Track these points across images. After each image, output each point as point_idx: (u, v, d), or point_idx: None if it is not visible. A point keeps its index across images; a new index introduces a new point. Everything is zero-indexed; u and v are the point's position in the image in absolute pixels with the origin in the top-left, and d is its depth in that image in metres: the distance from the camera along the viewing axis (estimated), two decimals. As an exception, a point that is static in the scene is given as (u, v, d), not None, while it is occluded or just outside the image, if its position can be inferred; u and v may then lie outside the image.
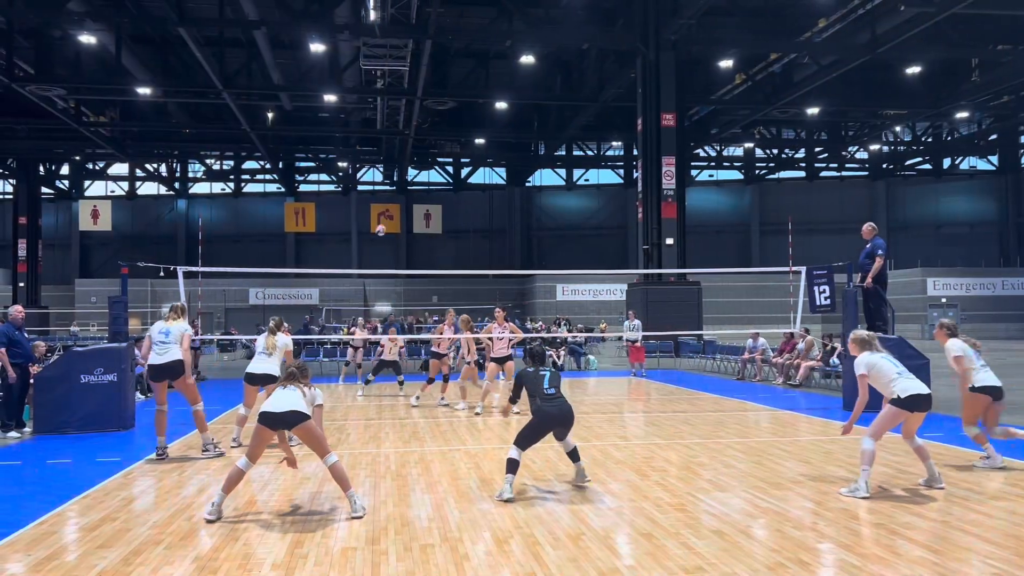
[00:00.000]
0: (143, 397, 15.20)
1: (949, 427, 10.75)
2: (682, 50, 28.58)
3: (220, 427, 11.67)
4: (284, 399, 6.47)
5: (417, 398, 14.28)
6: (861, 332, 7.56)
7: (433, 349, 14.37)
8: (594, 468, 8.26)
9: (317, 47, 29.24)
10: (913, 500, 6.74)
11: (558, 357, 23.25)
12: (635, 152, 32.40)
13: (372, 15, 25.02)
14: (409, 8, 24.71)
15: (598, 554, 5.34)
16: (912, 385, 7.01)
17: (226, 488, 6.47)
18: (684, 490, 7.22)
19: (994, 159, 51.82)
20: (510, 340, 13.25)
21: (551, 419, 7.08)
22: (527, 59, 31.66)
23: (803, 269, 15.16)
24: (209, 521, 6.23)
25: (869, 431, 7.04)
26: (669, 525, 6.02)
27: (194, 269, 16.31)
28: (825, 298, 14.38)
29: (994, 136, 48.58)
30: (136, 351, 13.18)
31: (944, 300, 43.74)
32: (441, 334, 14.23)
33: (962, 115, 40.42)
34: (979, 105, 37.65)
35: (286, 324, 10.87)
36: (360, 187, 52.29)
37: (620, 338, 29.08)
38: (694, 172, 51.11)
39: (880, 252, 12.93)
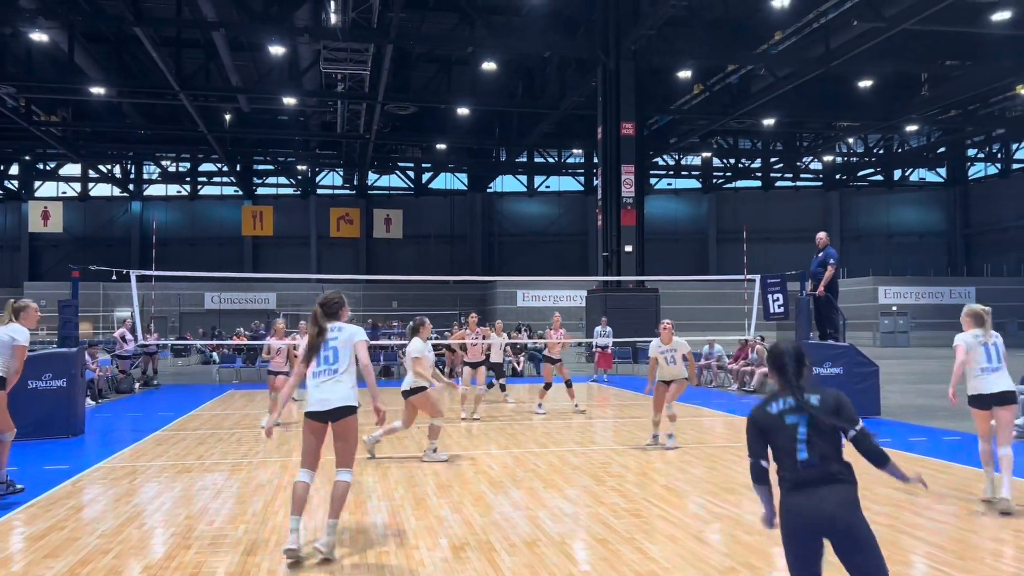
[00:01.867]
0: (93, 403, 14.90)
1: (899, 432, 11.01)
2: (642, 60, 28.91)
3: (172, 434, 11.48)
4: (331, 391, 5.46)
5: (540, 406, 13.99)
6: (975, 306, 7.04)
7: (545, 353, 14.46)
8: (551, 474, 8.30)
9: (277, 49, 28.97)
10: (863, 505, 6.88)
11: (518, 364, 23.30)
12: (595, 160, 32.64)
13: (333, 18, 24.89)
14: (370, 12, 24.64)
15: (554, 560, 5.37)
16: (982, 384, 6.65)
17: (296, 510, 5.40)
18: (639, 495, 7.29)
19: (942, 171, 53.27)
20: (483, 346, 13.52)
21: (804, 524, 3.39)
22: (489, 65, 31.72)
23: (757, 277, 15.41)
24: (290, 550, 5.25)
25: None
26: (624, 530, 6.08)
27: (147, 273, 16.07)
28: (779, 306, 14.62)
29: (942, 149, 49.96)
30: (87, 357, 12.91)
31: (895, 308, 44.76)
32: (551, 338, 14.33)
33: (912, 128, 41.51)
34: (928, 119, 38.67)
35: (427, 323, 9.25)
36: (319, 191, 51.86)
37: (580, 344, 29.24)
38: (653, 180, 51.63)
39: (832, 261, 13.21)
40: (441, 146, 44.80)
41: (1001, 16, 25.05)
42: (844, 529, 3.34)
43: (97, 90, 31.65)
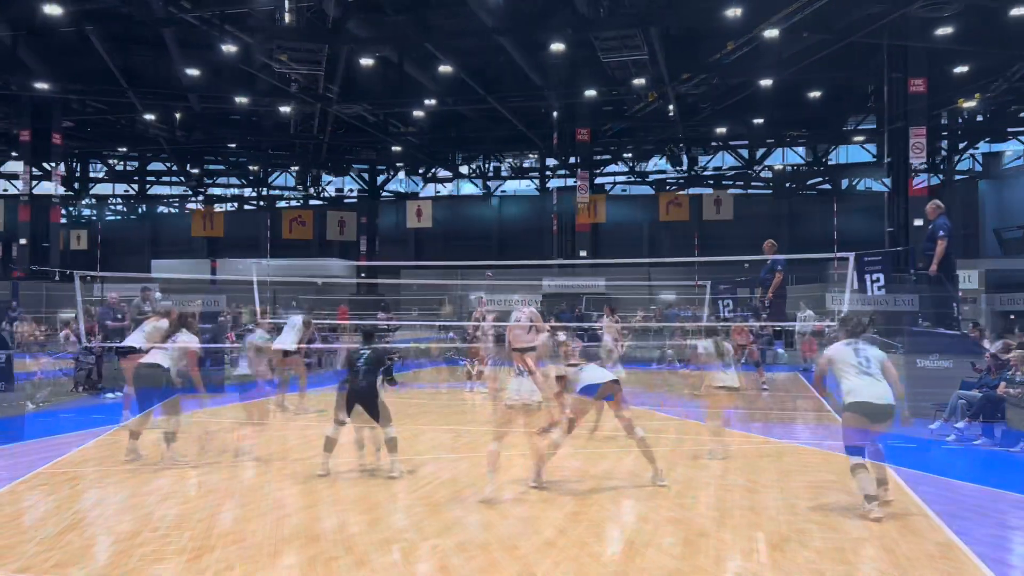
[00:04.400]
0: (34, 407, 14.42)
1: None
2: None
3: (119, 438, 11.17)
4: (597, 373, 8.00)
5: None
6: (720, 344, 9.89)
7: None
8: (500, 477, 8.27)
9: (229, 48, 28.54)
10: (799, 507, 7.03)
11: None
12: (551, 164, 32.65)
13: (287, 18, 24.57)
14: (325, 13, 24.35)
15: (506, 563, 5.36)
16: (725, 379, 9.60)
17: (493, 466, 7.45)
18: (591, 499, 7.32)
19: (888, 182, 54.50)
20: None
21: (353, 392, 8.10)
22: (445, 68, 31.60)
23: (708, 283, 15.64)
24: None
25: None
26: (576, 535, 6.10)
27: (90, 273, 15.68)
28: (729, 311, 14.86)
29: (889, 159, 51.11)
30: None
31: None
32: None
33: (859, 139, 42.66)
34: (875, 130, 39.69)
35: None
36: (271, 192, 51.00)
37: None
38: (608, 186, 51.93)
39: (779, 267, 13.45)
40: (396, 148, 44.49)
41: (944, 31, 25.85)
42: (369, 397, 8.07)
43: (40, 85, 30.85)
